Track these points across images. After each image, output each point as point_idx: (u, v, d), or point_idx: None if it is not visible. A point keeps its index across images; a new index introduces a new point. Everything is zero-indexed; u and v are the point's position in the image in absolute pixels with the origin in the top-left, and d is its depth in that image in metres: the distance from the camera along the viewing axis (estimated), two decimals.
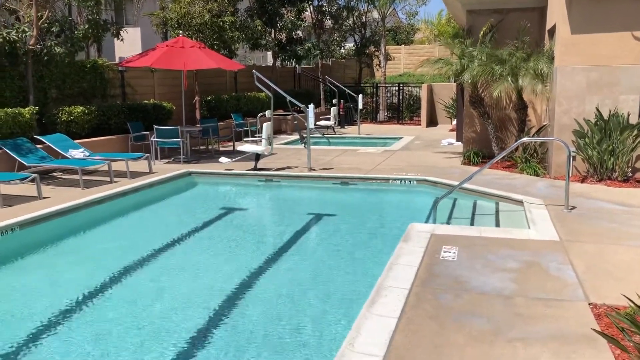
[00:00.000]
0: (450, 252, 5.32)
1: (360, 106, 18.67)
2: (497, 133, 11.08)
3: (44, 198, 8.14)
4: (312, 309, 4.82)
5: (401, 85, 22.62)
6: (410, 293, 4.30)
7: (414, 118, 22.09)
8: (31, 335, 4.29)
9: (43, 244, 6.75)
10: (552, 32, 10.10)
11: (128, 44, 16.28)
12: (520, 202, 7.53)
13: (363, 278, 5.49)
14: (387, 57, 24.20)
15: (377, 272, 4.80)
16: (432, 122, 20.67)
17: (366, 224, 7.84)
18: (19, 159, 9.49)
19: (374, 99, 23.21)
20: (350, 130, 18.99)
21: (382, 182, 9.68)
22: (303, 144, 11.04)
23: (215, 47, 14.67)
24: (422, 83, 21.52)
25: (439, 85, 21.10)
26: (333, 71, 25.32)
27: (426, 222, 7.00)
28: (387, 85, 23.30)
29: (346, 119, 20.71)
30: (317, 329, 4.41)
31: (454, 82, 15.62)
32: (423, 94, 20.17)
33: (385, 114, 22.91)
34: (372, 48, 24.74)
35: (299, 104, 11.25)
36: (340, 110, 20.08)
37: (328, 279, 5.61)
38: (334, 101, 20.37)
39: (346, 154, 12.73)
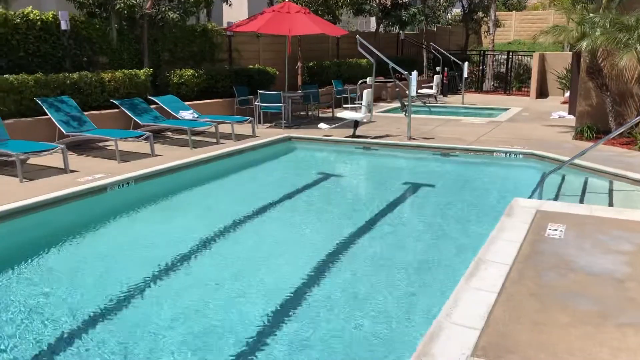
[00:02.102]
0: (556, 230, 5.06)
1: (465, 75, 18.00)
2: (615, 107, 10.27)
3: (156, 155, 8.66)
4: (407, 276, 4.81)
5: (510, 53, 21.49)
6: (511, 269, 4.16)
7: (523, 88, 20.98)
8: (150, 278, 4.64)
9: (155, 198, 7.23)
10: None
11: (235, 9, 16.68)
12: (639, 182, 6.98)
13: (461, 250, 5.38)
14: (497, 24, 23.02)
15: (477, 245, 4.68)
16: (542, 93, 19.54)
17: (466, 196, 7.64)
18: (135, 118, 10.14)
19: (480, 67, 22.26)
20: (453, 100, 18.42)
21: (486, 154, 9.33)
22: (403, 112, 10.86)
23: (320, 12, 14.68)
24: (534, 52, 20.31)
25: (552, 54, 19.82)
26: (437, 38, 24.51)
27: (531, 197, 6.68)
28: (495, 53, 22.24)
29: (449, 88, 20.07)
30: (411, 298, 4.40)
31: (570, 50, 14.60)
32: (534, 63, 19.07)
33: (492, 83, 21.94)
34: (480, 14, 23.64)
35: (402, 71, 11.03)
36: (444, 78, 19.48)
37: (424, 250, 5.55)
38: (437, 69, 19.79)
39: (448, 124, 12.39)
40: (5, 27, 9.44)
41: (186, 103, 11.47)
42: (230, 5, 14.52)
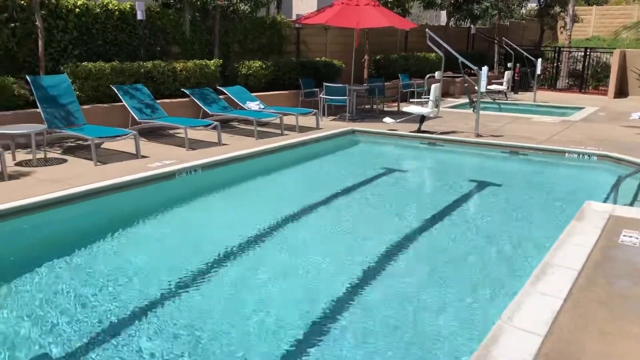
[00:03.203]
0: (631, 237, 4.79)
1: (538, 71, 17.35)
2: None
3: (223, 145, 8.86)
4: (468, 277, 4.71)
5: (588, 50, 20.52)
6: (580, 274, 3.98)
7: (600, 87, 20.01)
8: (213, 263, 4.77)
9: (221, 185, 7.41)
10: None
11: (305, 1, 16.78)
12: None
13: (526, 253, 5.21)
14: (575, 19, 22.01)
15: (543, 248, 4.51)
16: (622, 92, 18.57)
17: (535, 197, 7.36)
18: (204, 107, 10.40)
19: (555, 64, 21.39)
20: (525, 97, 17.80)
21: (557, 154, 8.96)
22: (472, 109, 10.58)
23: (389, 5, 14.52)
24: (614, 49, 19.30)
25: (634, 51, 18.78)
26: (510, 32, 23.70)
27: (605, 201, 6.37)
28: (571, 49, 21.30)
29: (521, 85, 19.41)
30: (471, 300, 4.30)
31: None
32: (614, 61, 18.14)
33: (567, 81, 21.05)
34: (557, 8, 22.67)
35: (472, 66, 10.75)
36: (515, 74, 18.85)
37: (488, 250, 5.40)
38: (509, 65, 19.17)
39: (518, 122, 11.99)
40: (86, 16, 9.90)
41: (253, 94, 11.66)
42: None
